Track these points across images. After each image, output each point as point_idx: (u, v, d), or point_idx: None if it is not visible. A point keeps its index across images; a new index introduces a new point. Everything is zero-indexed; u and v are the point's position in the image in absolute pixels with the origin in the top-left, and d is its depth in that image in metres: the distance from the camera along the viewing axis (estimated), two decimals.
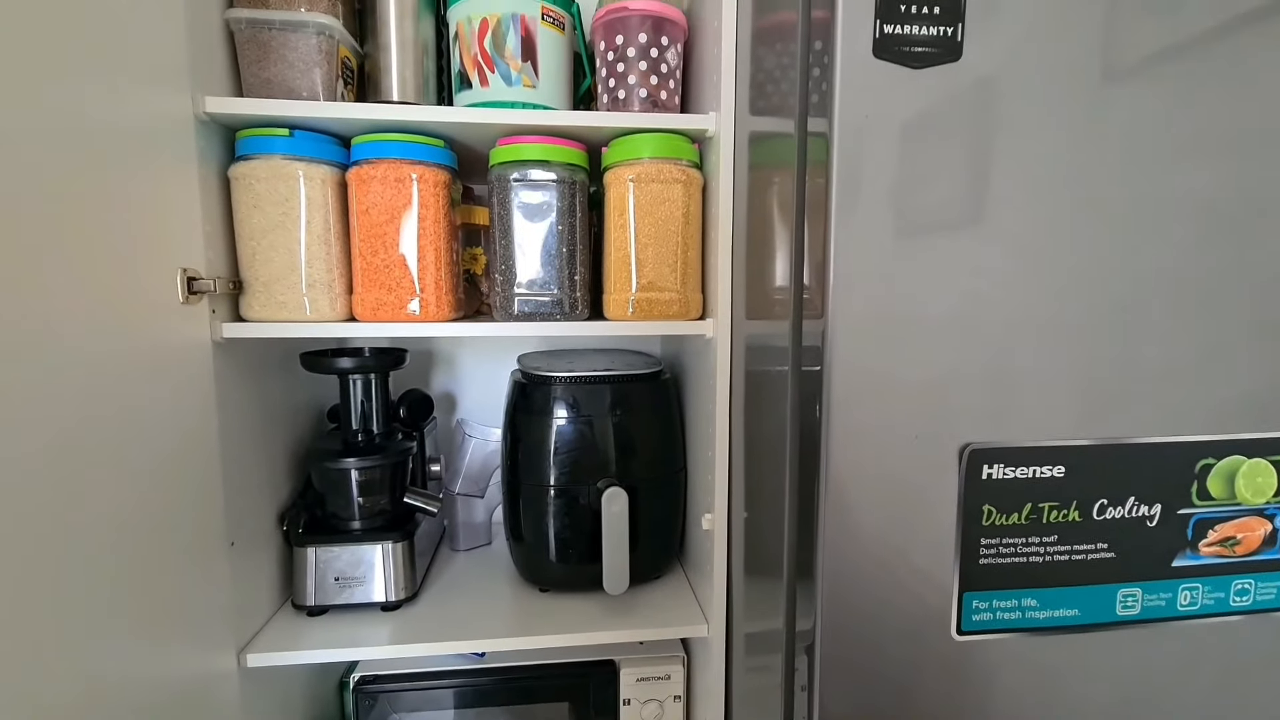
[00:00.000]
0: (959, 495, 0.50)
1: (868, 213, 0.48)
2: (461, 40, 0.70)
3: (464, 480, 0.95)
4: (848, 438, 0.50)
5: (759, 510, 0.66)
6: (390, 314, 0.67)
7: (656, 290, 0.69)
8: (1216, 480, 0.52)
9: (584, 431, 0.78)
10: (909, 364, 0.49)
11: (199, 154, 0.60)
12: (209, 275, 0.61)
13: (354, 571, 0.75)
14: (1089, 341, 0.49)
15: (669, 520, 0.83)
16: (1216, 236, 0.49)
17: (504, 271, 0.69)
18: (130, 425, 0.51)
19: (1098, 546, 0.51)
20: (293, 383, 0.83)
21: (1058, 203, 0.48)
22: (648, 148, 0.67)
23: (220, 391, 0.64)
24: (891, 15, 0.44)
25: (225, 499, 0.65)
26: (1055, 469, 0.50)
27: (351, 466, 0.77)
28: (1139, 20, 0.47)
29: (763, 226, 0.64)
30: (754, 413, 0.67)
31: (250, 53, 0.65)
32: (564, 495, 0.78)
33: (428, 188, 0.66)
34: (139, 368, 0.52)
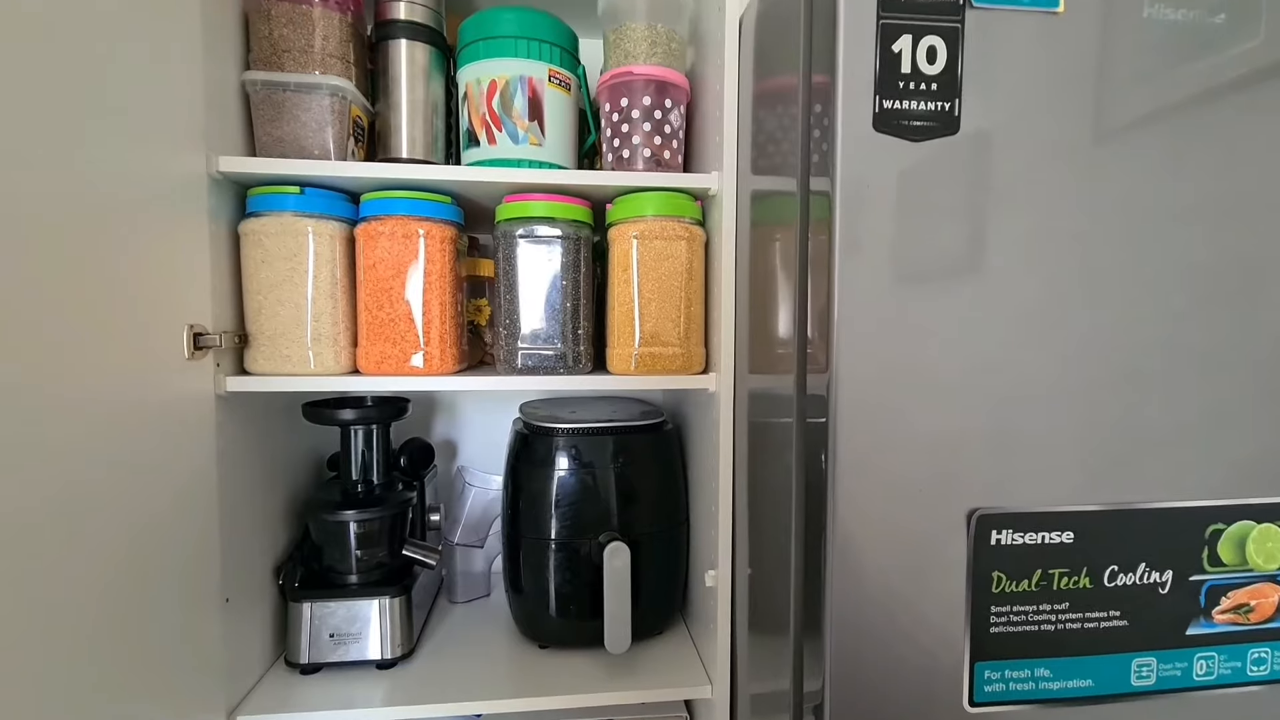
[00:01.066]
0: (968, 561, 0.49)
1: (870, 272, 0.48)
2: (470, 100, 0.72)
3: (463, 530, 0.93)
4: (854, 496, 0.49)
5: (764, 567, 0.65)
6: (394, 367, 0.67)
7: (660, 345, 0.69)
8: (1227, 546, 0.51)
9: (586, 483, 0.78)
10: (915, 424, 0.49)
11: (210, 211, 0.61)
12: (215, 330, 0.61)
13: (349, 628, 0.74)
14: (1094, 406, 0.49)
15: (672, 575, 0.82)
16: (1215, 302, 0.50)
17: (508, 325, 0.69)
18: (130, 480, 0.50)
19: (1110, 614, 0.50)
20: (294, 431, 0.83)
21: (1057, 268, 0.49)
22: (651, 205, 0.68)
23: (221, 444, 0.63)
24: (890, 91, 0.45)
25: (222, 554, 0.64)
26: (1064, 535, 0.49)
27: (350, 519, 0.76)
28: (1128, 93, 0.49)
29: (765, 282, 0.65)
30: (757, 467, 0.67)
31: (265, 112, 0.67)
32: (565, 549, 0.77)
33: (434, 243, 0.67)
34: (141, 422, 0.52)
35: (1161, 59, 0.49)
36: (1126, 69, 0.48)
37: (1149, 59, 0.49)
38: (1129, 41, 0.48)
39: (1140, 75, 0.49)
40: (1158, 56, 0.49)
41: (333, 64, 0.68)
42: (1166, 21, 0.48)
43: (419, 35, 0.73)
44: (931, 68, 0.45)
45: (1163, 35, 0.48)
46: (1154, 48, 0.49)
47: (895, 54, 0.45)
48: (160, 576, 0.54)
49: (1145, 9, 0.47)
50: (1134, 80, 0.49)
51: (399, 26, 0.73)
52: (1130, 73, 0.49)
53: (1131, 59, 0.48)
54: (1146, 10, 0.47)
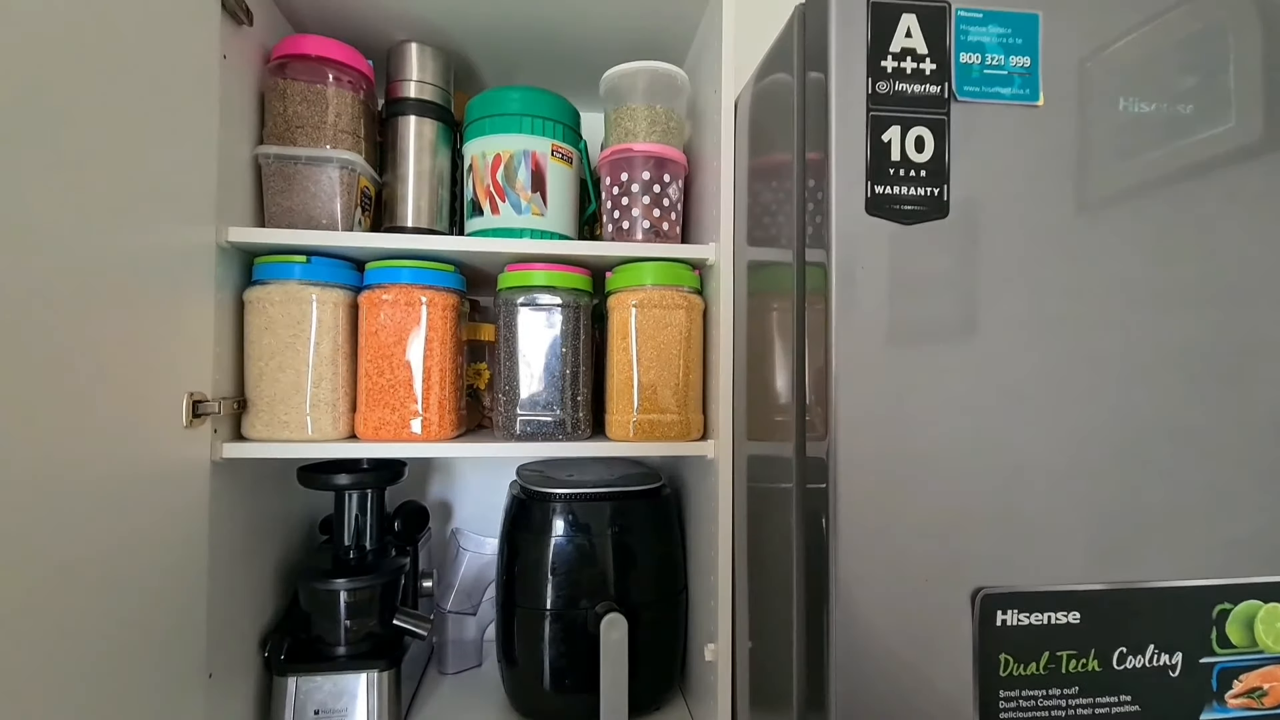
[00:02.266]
0: (974, 642, 0.48)
1: (868, 342, 0.49)
2: (475, 172, 0.74)
3: (456, 596, 0.91)
4: (856, 566, 0.49)
5: (765, 640, 0.64)
6: (392, 433, 0.67)
7: (658, 412, 0.69)
8: (1235, 626, 0.50)
9: (583, 549, 0.76)
10: (915, 497, 0.49)
11: (217, 280, 0.62)
12: (215, 396, 0.61)
13: (336, 704, 0.71)
14: (1094, 483, 0.49)
15: (670, 646, 0.79)
16: (1207, 381, 0.51)
17: (508, 391, 0.70)
18: (119, 550, 0.49)
19: (1121, 699, 0.49)
20: (287, 494, 0.82)
21: (1050, 347, 0.50)
22: (650, 275, 0.69)
23: (214, 511, 0.63)
24: (881, 177, 0.47)
25: (208, 626, 0.62)
26: (1071, 615, 0.48)
27: (341, 587, 0.74)
28: (1109, 179, 0.51)
29: (763, 349, 0.66)
30: (757, 534, 0.66)
31: (275, 184, 0.69)
32: (561, 619, 0.75)
33: (437, 310, 0.68)
34: (134, 490, 0.51)
35: (1139, 146, 0.51)
36: (1106, 156, 0.51)
37: (1127, 147, 0.51)
38: (1107, 131, 0.51)
39: (1119, 162, 0.51)
40: (1135, 144, 0.51)
41: (344, 139, 0.70)
42: (1141, 113, 0.51)
43: (427, 111, 0.76)
44: (920, 156, 0.47)
45: (1138, 125, 0.51)
46: (1131, 136, 0.51)
47: (885, 143, 0.47)
48: (143, 651, 0.53)
49: (1120, 102, 0.50)
50: (1114, 167, 0.51)
51: (409, 104, 0.76)
52: (1110, 160, 0.51)
53: (1110, 147, 0.51)
54: (1121, 103, 0.50)
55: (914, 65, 0.47)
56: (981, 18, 0.47)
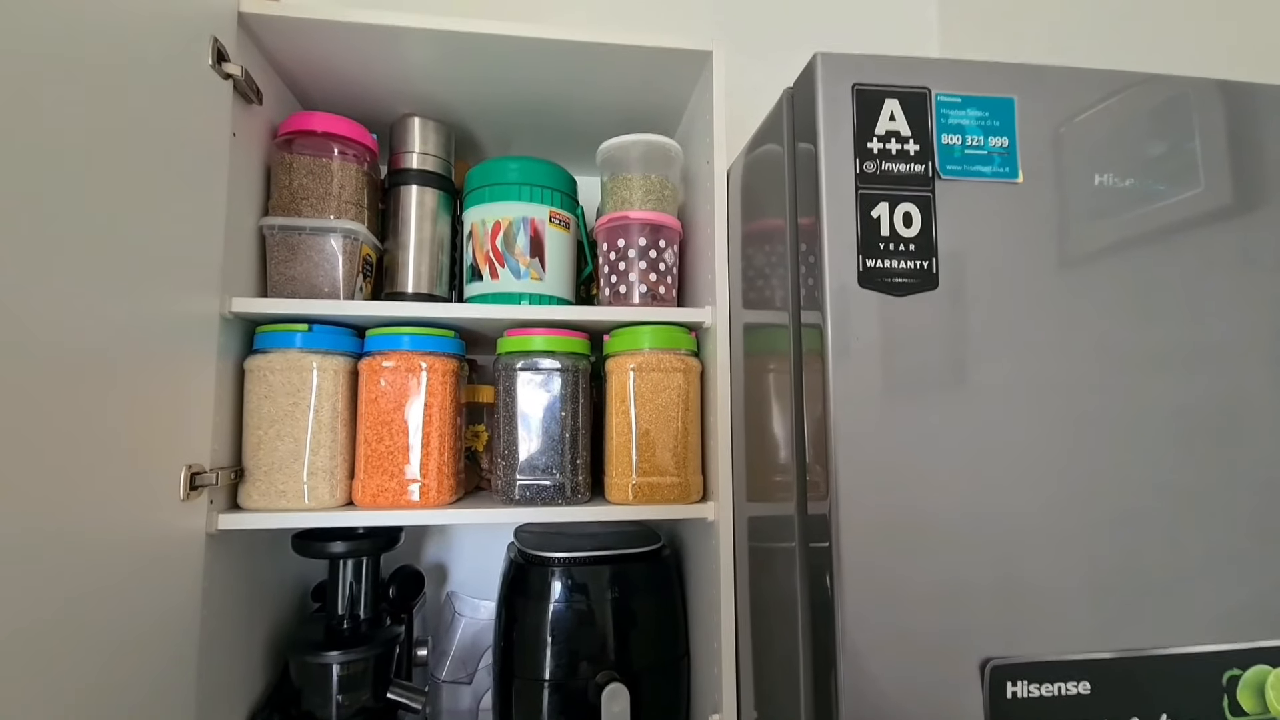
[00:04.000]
0: (986, 716, 0.47)
1: (864, 402, 0.50)
2: (475, 238, 0.76)
3: (451, 664, 0.89)
4: (863, 637, 0.48)
5: (770, 708, 0.62)
6: (390, 500, 0.66)
7: (658, 475, 0.69)
8: (1246, 693, 0.49)
9: (583, 614, 0.75)
10: (918, 564, 0.49)
11: (219, 349, 0.63)
12: (213, 467, 0.61)
13: None
14: (1092, 548, 0.50)
15: (672, 715, 0.77)
16: (1197, 443, 0.52)
17: (506, 456, 0.70)
18: (109, 624, 0.48)
19: None
20: (280, 562, 0.80)
21: (1042, 413, 0.51)
22: (648, 339, 0.70)
23: (207, 584, 0.61)
24: (872, 252, 0.49)
25: (197, 705, 0.60)
26: (1081, 685, 0.48)
27: (334, 660, 0.72)
28: (1089, 248, 0.53)
29: (760, 410, 0.66)
30: (760, 596, 0.65)
31: (279, 253, 0.70)
32: (560, 690, 0.73)
33: (436, 376, 0.68)
34: (128, 565, 0.50)
35: (1115, 214, 0.53)
36: (1085, 225, 0.53)
37: (1104, 215, 0.53)
38: (1084, 202, 0.53)
39: (1098, 230, 0.53)
40: (1111, 212, 0.53)
41: (347, 209, 0.72)
42: (1114, 184, 0.53)
43: (429, 181, 0.79)
44: (908, 231, 0.49)
45: (1114, 198, 0.53)
46: (1107, 205, 0.53)
47: (874, 219, 0.49)
48: None
49: (1096, 178, 0.52)
50: (1092, 235, 0.53)
51: (411, 174, 0.78)
52: (1088, 229, 0.53)
53: (1088, 216, 0.53)
54: (1097, 179, 0.52)
55: (899, 146, 0.49)
56: (960, 102, 0.50)
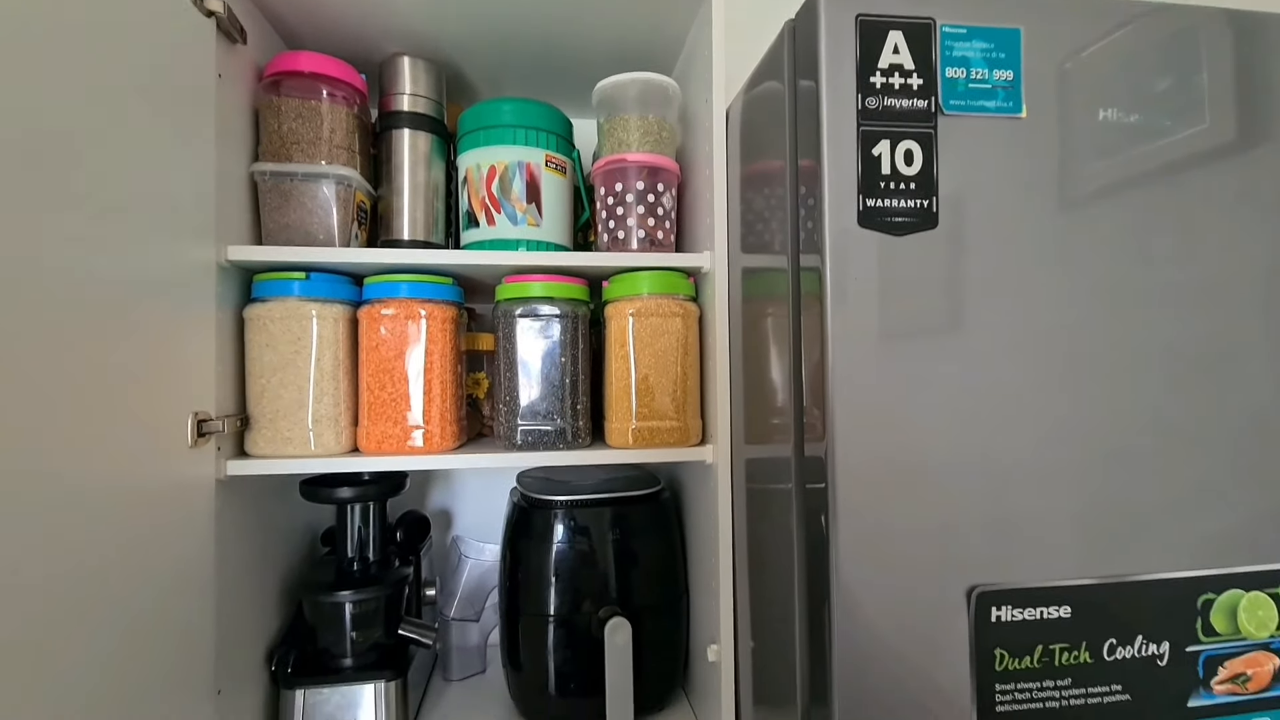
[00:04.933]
0: (970, 637, 0.50)
1: (863, 346, 0.51)
2: (470, 184, 0.75)
3: (459, 603, 0.92)
4: (856, 566, 0.50)
5: (767, 638, 0.65)
6: (394, 446, 0.68)
7: (657, 419, 0.70)
8: (1219, 615, 0.52)
9: (585, 555, 0.77)
10: (912, 497, 0.51)
11: (218, 298, 0.63)
12: (218, 415, 0.62)
13: (344, 715, 0.72)
14: (1083, 482, 0.51)
15: (673, 648, 0.81)
16: (1190, 380, 0.53)
17: (508, 402, 0.71)
18: (127, 567, 0.50)
19: (1112, 689, 0.51)
20: (289, 508, 0.82)
21: (1038, 350, 0.51)
22: (646, 284, 0.70)
23: (219, 528, 0.63)
24: (872, 191, 0.49)
25: (216, 643, 0.62)
26: (1062, 609, 0.50)
27: (346, 599, 0.74)
28: (1091, 185, 0.52)
29: (759, 354, 0.67)
30: (757, 535, 0.67)
31: (272, 200, 0.69)
32: (565, 625, 0.76)
33: (436, 324, 0.69)
34: (141, 511, 0.52)
35: (1118, 151, 0.53)
36: (1087, 162, 0.52)
37: (1107, 152, 0.53)
38: (1087, 138, 0.52)
39: (1100, 167, 0.53)
40: (1115, 149, 0.53)
41: (339, 154, 0.71)
42: (1119, 119, 0.53)
43: (421, 125, 0.77)
44: (909, 169, 0.49)
45: (1117, 130, 0.53)
46: (1110, 142, 0.53)
47: (875, 157, 0.48)
48: (154, 670, 0.53)
49: (1100, 113, 0.51)
50: (1095, 172, 0.52)
51: (402, 117, 0.76)
52: (1091, 166, 0.52)
53: (1091, 153, 0.52)
54: (1101, 114, 0.51)
55: (901, 80, 0.48)
56: (965, 33, 0.49)
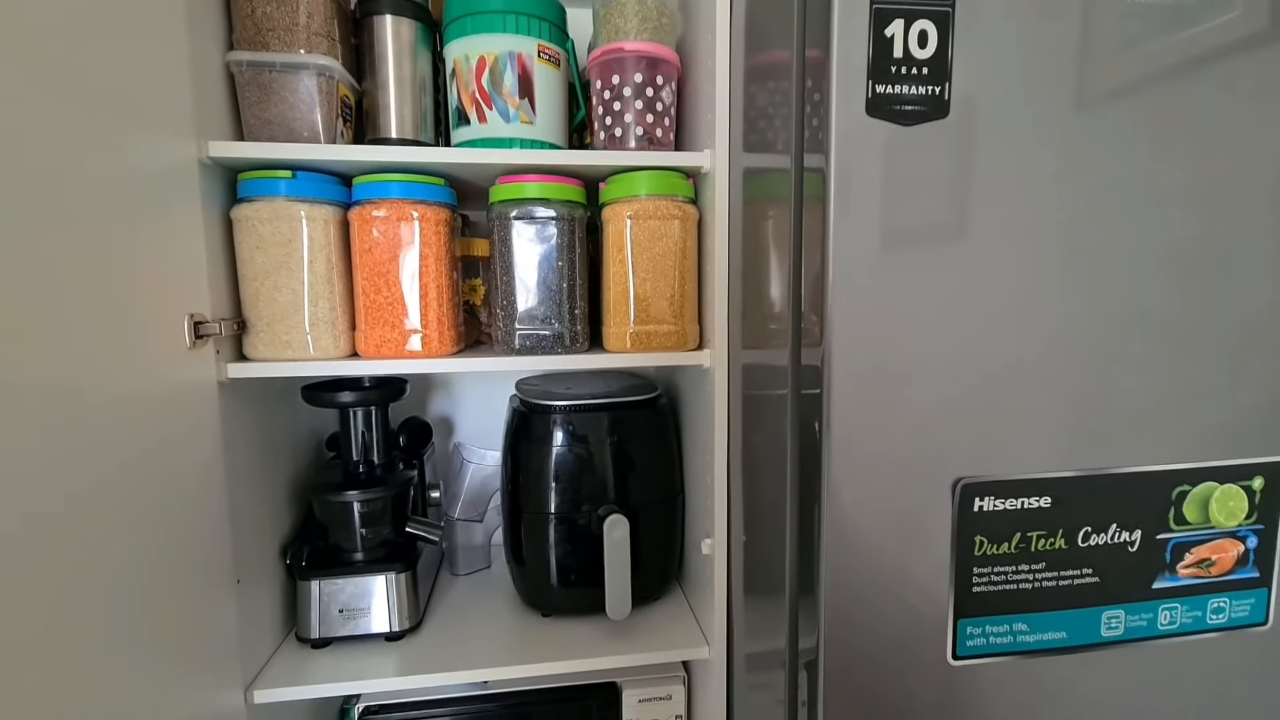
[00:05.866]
0: (952, 526, 0.52)
1: (863, 248, 0.50)
2: (459, 77, 0.71)
3: (463, 505, 0.95)
4: (847, 466, 0.52)
5: (758, 533, 0.68)
6: (393, 350, 0.68)
7: (655, 323, 0.70)
8: (1192, 506, 0.54)
9: (583, 457, 0.80)
10: (905, 398, 0.51)
11: (203, 197, 0.61)
12: (214, 318, 0.61)
13: (358, 603, 0.76)
14: (1072, 379, 0.52)
15: (668, 544, 0.85)
16: (1190, 281, 0.52)
17: (505, 306, 0.70)
18: (141, 469, 0.51)
19: (1083, 572, 0.54)
20: (293, 414, 0.84)
21: (1041, 248, 0.51)
22: (644, 185, 0.68)
23: (226, 431, 0.64)
24: (883, 76, 0.46)
25: (232, 537, 0.65)
26: (1042, 500, 0.52)
27: (354, 499, 0.77)
28: (1111, 74, 0.50)
29: (758, 258, 0.66)
30: (751, 437, 0.69)
31: (251, 94, 0.65)
32: (565, 522, 0.80)
33: (429, 226, 0.67)
34: (148, 413, 0.53)
35: (1142, 38, 0.50)
36: (1109, 49, 0.50)
37: (1130, 38, 0.50)
38: (1111, 22, 0.49)
39: (1122, 56, 0.50)
40: (1138, 35, 0.50)
41: (318, 42, 0.67)
42: (1145, 5, 0.50)
43: (403, 10, 0.72)
44: (923, 52, 0.46)
45: (1144, 15, 0.50)
46: (1134, 27, 0.50)
47: (888, 38, 0.46)
48: (175, 563, 0.56)
49: None
50: (1116, 61, 0.50)
51: (383, 1, 0.71)
52: (1112, 53, 0.50)
53: (1113, 39, 0.50)
54: None
55: None
56: None
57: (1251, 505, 0.55)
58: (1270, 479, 0.55)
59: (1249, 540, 0.56)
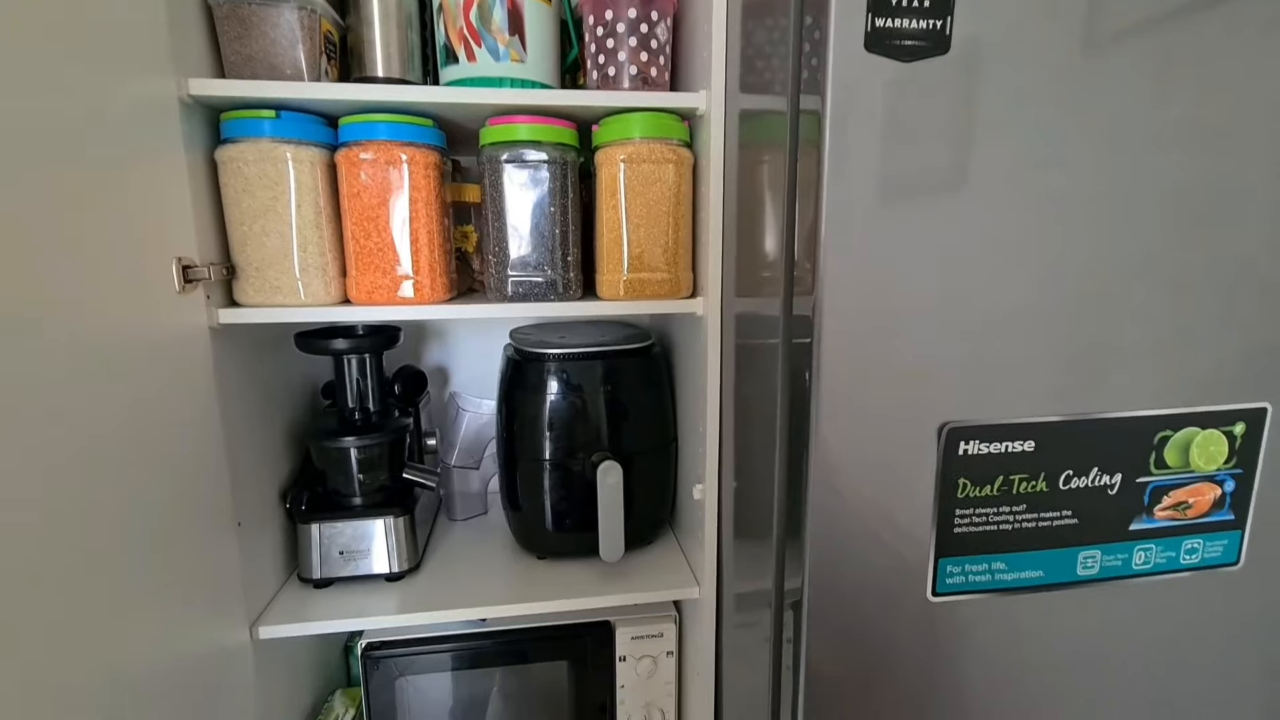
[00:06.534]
0: (937, 469, 0.53)
1: (858, 194, 0.49)
2: (446, 12, 0.68)
3: (459, 453, 0.97)
4: (835, 414, 0.52)
5: (748, 479, 0.69)
6: (385, 297, 0.67)
7: (648, 270, 0.70)
8: (1173, 450, 0.55)
9: (577, 405, 0.80)
10: (895, 344, 0.52)
11: (185, 138, 0.59)
12: (202, 262, 0.61)
13: (357, 545, 0.78)
14: (1064, 325, 0.52)
15: (661, 490, 0.86)
16: (1186, 226, 0.52)
17: (497, 252, 0.70)
18: (139, 414, 0.52)
19: (1062, 513, 0.55)
20: (287, 362, 0.84)
21: (1039, 193, 0.50)
22: (639, 127, 0.67)
23: (220, 376, 0.64)
24: (883, 9, 0.45)
25: (231, 481, 0.66)
26: (1026, 444, 0.53)
27: (351, 445, 0.78)
28: (1116, 9, 0.48)
29: (753, 204, 0.65)
30: (743, 386, 0.70)
31: (230, 29, 0.63)
32: (560, 468, 0.81)
33: (418, 169, 0.66)
34: (142, 358, 0.53)
35: None
36: None
37: None
38: None
39: None
40: None
41: None
42: None
43: None
44: None
45: None
46: None
47: None
48: (177, 505, 0.57)
49: None
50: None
51: None
52: None
53: None
54: None
55: None
56: None
57: (1231, 450, 0.56)
58: (1252, 424, 0.56)
59: (1226, 484, 0.57)
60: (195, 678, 0.59)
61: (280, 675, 0.78)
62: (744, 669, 0.73)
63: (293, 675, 0.82)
